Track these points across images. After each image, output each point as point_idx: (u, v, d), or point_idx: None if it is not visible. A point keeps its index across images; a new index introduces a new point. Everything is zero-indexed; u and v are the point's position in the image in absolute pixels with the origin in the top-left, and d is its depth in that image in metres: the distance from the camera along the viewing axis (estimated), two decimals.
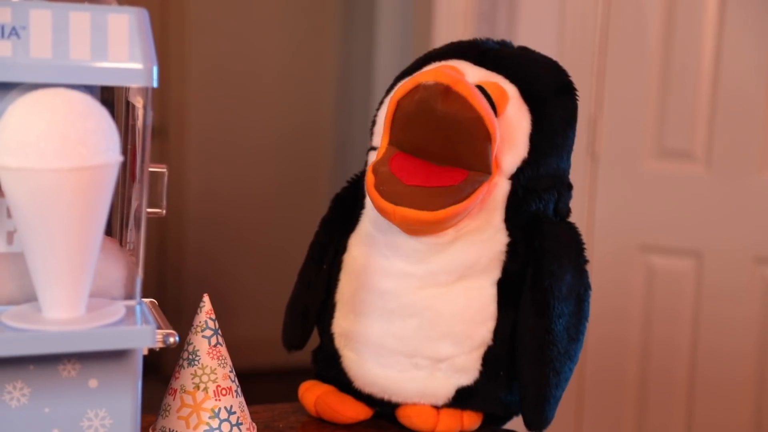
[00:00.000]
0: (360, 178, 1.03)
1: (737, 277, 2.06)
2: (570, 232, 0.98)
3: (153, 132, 0.74)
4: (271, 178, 3.55)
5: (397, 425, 1.00)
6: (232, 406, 0.87)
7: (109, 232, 0.80)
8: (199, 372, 0.87)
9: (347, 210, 1.03)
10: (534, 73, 0.98)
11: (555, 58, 1.03)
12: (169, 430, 0.86)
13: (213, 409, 0.86)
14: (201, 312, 0.89)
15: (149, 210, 0.77)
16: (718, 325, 2.08)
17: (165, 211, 0.81)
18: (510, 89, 0.95)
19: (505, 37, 2.21)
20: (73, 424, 0.73)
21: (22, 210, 0.67)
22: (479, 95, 0.89)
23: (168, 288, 3.46)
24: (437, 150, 0.90)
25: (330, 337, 1.01)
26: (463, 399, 0.97)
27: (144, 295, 0.78)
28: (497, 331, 0.95)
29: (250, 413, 0.93)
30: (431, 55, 1.01)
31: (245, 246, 3.55)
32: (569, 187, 1.01)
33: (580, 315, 0.97)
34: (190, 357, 0.88)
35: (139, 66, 0.70)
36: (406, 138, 0.91)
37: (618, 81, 2.13)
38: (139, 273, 0.76)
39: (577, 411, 2.20)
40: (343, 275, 1.00)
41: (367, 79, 3.33)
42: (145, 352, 0.76)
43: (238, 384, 0.90)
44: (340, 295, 1.00)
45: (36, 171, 0.65)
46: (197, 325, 0.88)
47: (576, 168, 1.03)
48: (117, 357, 0.74)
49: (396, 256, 0.96)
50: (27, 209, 0.66)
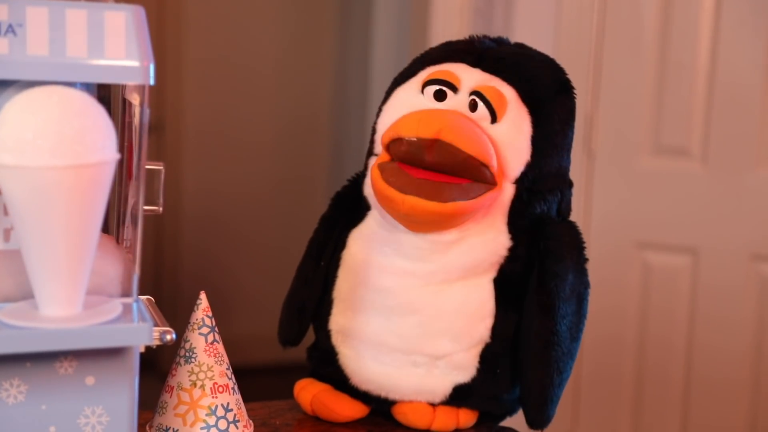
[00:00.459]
0: (360, 178, 1.03)
1: (733, 274, 2.06)
2: (572, 231, 0.98)
3: (149, 128, 0.74)
4: (268, 175, 3.55)
5: (392, 422, 1.00)
6: (228, 404, 0.88)
7: (105, 229, 0.80)
8: (196, 369, 0.87)
9: (347, 208, 1.03)
10: (532, 73, 0.97)
11: (551, 54, 1.03)
12: (166, 427, 0.87)
13: (210, 407, 0.86)
14: (198, 309, 0.89)
15: (146, 207, 0.77)
16: (714, 322, 2.08)
17: (162, 209, 0.81)
18: (508, 92, 0.95)
19: (501, 33, 2.21)
20: (70, 422, 0.74)
21: (18, 207, 0.67)
22: (467, 131, 0.90)
23: (164, 285, 3.45)
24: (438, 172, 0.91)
25: (327, 334, 1.01)
26: (459, 396, 0.97)
27: (140, 292, 0.78)
28: (495, 329, 0.96)
29: (247, 410, 0.93)
30: (428, 58, 1.01)
31: (241, 242, 3.55)
32: (570, 185, 1.01)
33: (581, 314, 0.97)
34: (187, 354, 0.88)
35: (135, 63, 0.70)
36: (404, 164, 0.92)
37: (614, 78, 2.13)
38: (136, 270, 0.76)
39: (574, 409, 2.20)
40: (341, 272, 1.00)
41: (364, 75, 3.33)
42: (142, 350, 0.76)
43: (234, 381, 0.90)
44: (337, 292, 1.00)
45: (33, 169, 0.65)
46: (194, 323, 0.88)
47: (572, 165, 1.03)
48: (114, 354, 0.74)
49: (397, 254, 0.96)
50: (24, 207, 0.66)
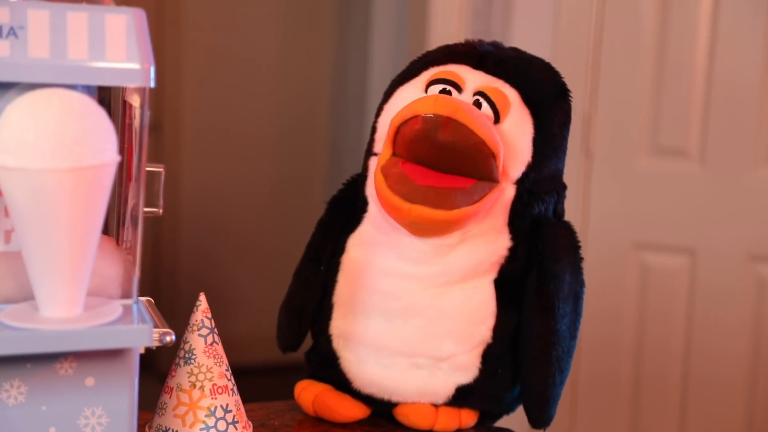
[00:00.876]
0: (356, 180, 1.03)
1: (731, 275, 2.06)
2: (568, 232, 0.99)
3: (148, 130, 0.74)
4: (266, 176, 3.55)
5: (393, 423, 1.00)
6: (228, 405, 0.88)
7: (105, 230, 0.81)
8: (196, 370, 0.87)
9: (344, 212, 1.03)
10: (534, 76, 0.98)
11: (549, 55, 1.04)
12: (166, 428, 0.87)
13: (209, 408, 0.87)
14: (197, 311, 0.89)
15: (146, 209, 0.77)
16: (712, 322, 2.09)
17: (162, 211, 0.81)
18: (511, 94, 0.96)
19: (499, 34, 2.21)
20: (70, 423, 0.74)
21: (19, 209, 0.67)
22: (480, 118, 0.90)
23: (162, 286, 3.45)
24: (443, 166, 0.91)
25: (327, 339, 1.01)
26: (462, 397, 0.98)
27: (139, 293, 0.78)
28: (496, 330, 0.96)
29: (246, 411, 0.93)
30: (428, 59, 1.01)
31: (239, 243, 3.55)
32: (565, 187, 1.02)
33: (577, 312, 0.98)
34: (187, 355, 0.88)
35: (136, 66, 0.70)
36: (410, 155, 0.92)
37: (612, 78, 2.13)
38: (136, 272, 0.76)
39: (572, 409, 2.21)
40: (340, 277, 1.00)
41: (363, 76, 3.33)
42: (142, 351, 0.76)
43: (234, 382, 0.90)
44: (337, 297, 1.00)
45: (33, 171, 0.65)
46: (193, 324, 0.89)
47: (570, 166, 1.04)
48: (114, 356, 0.74)
49: (399, 257, 0.96)
50: (24, 209, 0.67)
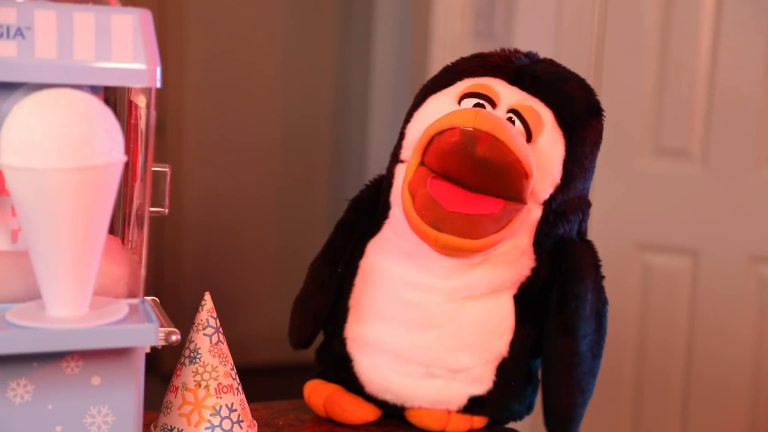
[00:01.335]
0: (379, 183, 1.02)
1: (733, 276, 2.06)
2: (590, 251, 0.97)
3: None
4: (268, 177, 3.56)
5: (405, 425, 1.00)
6: (233, 404, 0.88)
7: (111, 230, 0.81)
8: (201, 370, 0.88)
9: (365, 214, 1.02)
10: (569, 96, 0.96)
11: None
12: (171, 427, 0.87)
13: (214, 407, 0.87)
14: (202, 310, 0.89)
15: (152, 209, 0.77)
16: (714, 323, 2.09)
17: (167, 210, 0.82)
18: (545, 114, 0.94)
19: (502, 36, 2.21)
20: (76, 421, 0.74)
21: (26, 209, 0.67)
22: (518, 138, 0.89)
23: (165, 286, 3.46)
24: (473, 182, 0.90)
25: (342, 342, 1.00)
26: (474, 407, 0.98)
27: (144, 293, 0.79)
28: (513, 344, 0.96)
29: (250, 410, 0.93)
30: (463, 68, 0.99)
31: (242, 243, 3.56)
32: (589, 205, 1.00)
33: (601, 331, 0.97)
34: (192, 355, 0.88)
35: (142, 66, 0.71)
36: (440, 167, 0.91)
37: (615, 79, 2.13)
38: (142, 271, 0.77)
39: None
40: (358, 281, 0.99)
41: (365, 77, 3.33)
42: (147, 350, 0.76)
43: (239, 381, 0.90)
44: (354, 301, 0.99)
45: (40, 171, 0.65)
46: (199, 323, 0.89)
47: None
48: (120, 355, 0.74)
49: (421, 269, 0.95)
50: (31, 208, 0.67)
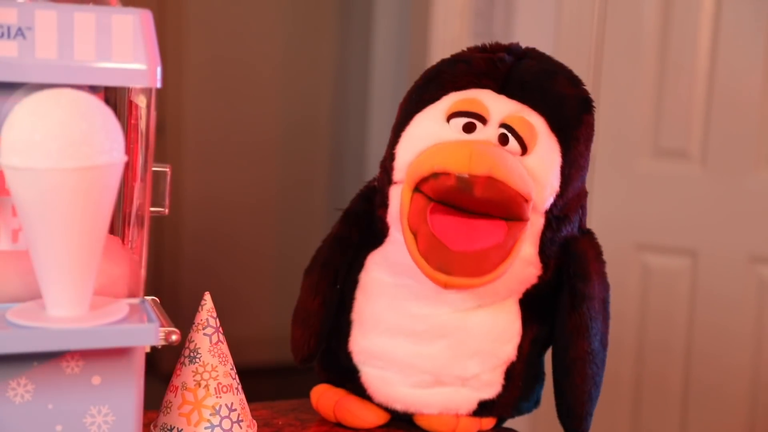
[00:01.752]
0: (371, 194, 1.00)
1: (732, 277, 2.06)
2: (591, 243, 0.96)
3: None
4: (267, 178, 3.56)
5: (413, 429, 0.99)
6: (232, 404, 0.88)
7: (111, 230, 0.81)
8: (201, 369, 0.88)
9: (359, 227, 1.00)
10: (558, 97, 0.93)
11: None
12: (171, 426, 0.87)
13: (214, 407, 0.87)
14: (202, 310, 0.89)
15: (152, 209, 0.77)
16: (713, 324, 2.09)
17: (168, 210, 0.82)
18: (538, 123, 0.92)
19: (501, 37, 2.21)
20: (76, 421, 0.74)
21: (26, 209, 0.67)
22: (515, 171, 0.86)
23: (164, 286, 3.46)
24: (473, 209, 0.88)
25: (347, 355, 0.99)
26: (484, 410, 0.98)
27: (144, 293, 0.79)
28: (521, 348, 0.96)
29: (250, 410, 0.93)
30: (446, 80, 0.95)
31: (241, 245, 3.56)
32: (587, 194, 0.98)
33: (607, 318, 0.97)
34: (192, 354, 0.88)
35: (142, 67, 0.71)
36: (436, 196, 0.88)
37: (614, 80, 2.13)
38: (142, 271, 0.77)
39: None
40: (359, 294, 0.98)
41: (365, 78, 3.33)
42: (147, 350, 0.76)
43: (238, 381, 0.91)
44: (356, 315, 0.98)
45: (41, 171, 0.65)
46: (198, 323, 0.89)
47: None
48: (120, 354, 0.74)
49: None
50: (32, 208, 0.67)
